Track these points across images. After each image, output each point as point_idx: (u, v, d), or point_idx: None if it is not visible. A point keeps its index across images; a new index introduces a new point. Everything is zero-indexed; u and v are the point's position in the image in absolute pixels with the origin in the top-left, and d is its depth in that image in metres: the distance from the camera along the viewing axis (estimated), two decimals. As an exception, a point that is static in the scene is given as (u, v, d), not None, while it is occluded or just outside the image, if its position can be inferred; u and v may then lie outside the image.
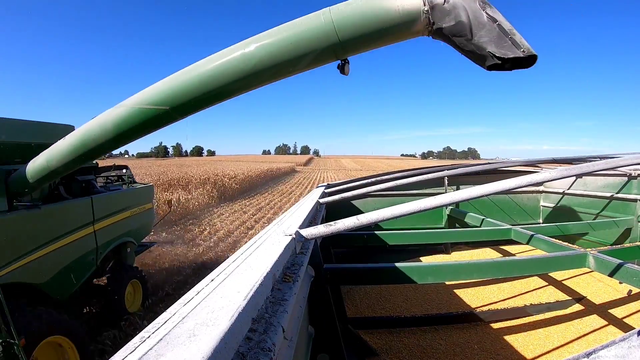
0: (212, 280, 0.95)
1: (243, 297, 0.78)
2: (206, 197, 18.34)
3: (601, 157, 4.42)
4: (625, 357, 0.54)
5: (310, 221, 2.25)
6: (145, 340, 0.63)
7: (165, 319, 0.71)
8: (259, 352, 0.70)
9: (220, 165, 39.64)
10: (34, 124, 5.13)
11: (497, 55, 1.92)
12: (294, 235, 1.42)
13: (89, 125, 3.03)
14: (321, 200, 2.99)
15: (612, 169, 2.02)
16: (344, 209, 4.47)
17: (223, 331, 0.63)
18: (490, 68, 1.99)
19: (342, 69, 2.35)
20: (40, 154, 3.68)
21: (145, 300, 6.91)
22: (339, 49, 2.21)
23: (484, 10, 1.98)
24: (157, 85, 2.59)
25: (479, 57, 2.01)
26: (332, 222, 1.47)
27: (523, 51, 1.93)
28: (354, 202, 4.79)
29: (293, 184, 31.96)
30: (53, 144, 3.63)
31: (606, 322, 2.83)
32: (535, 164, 5.40)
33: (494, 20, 1.97)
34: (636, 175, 4.33)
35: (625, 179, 4.44)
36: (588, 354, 0.56)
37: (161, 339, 0.62)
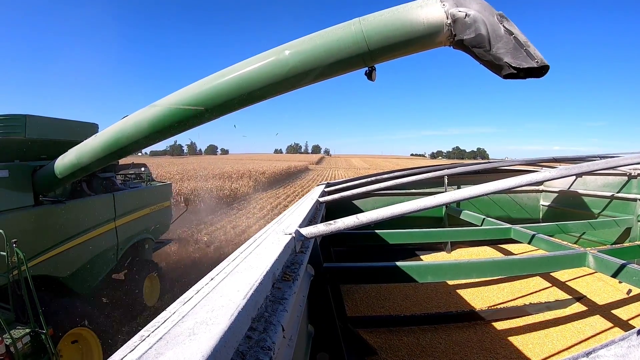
0: (212, 279, 0.95)
1: (243, 296, 0.78)
2: (246, 187, 23.94)
3: (601, 157, 4.42)
4: (624, 357, 0.54)
5: (310, 220, 2.25)
6: (145, 339, 0.62)
7: (165, 318, 0.71)
8: (258, 351, 0.70)
9: (250, 164, 46.10)
10: (60, 121, 5.23)
11: (513, 65, 2.05)
12: (293, 234, 1.42)
13: (123, 124, 3.18)
14: (321, 199, 2.99)
15: (612, 168, 2.02)
16: (344, 208, 4.47)
17: (223, 330, 0.63)
18: (506, 77, 2.12)
19: (369, 75, 2.49)
20: (70, 151, 3.84)
21: (164, 293, 7.06)
22: (368, 57, 2.37)
23: (501, 23, 2.14)
24: (193, 87, 2.74)
25: (496, 66, 2.16)
26: (331, 221, 1.47)
27: (537, 62, 2.06)
28: (353, 201, 4.79)
29: (309, 180, 37.32)
30: (78, 141, 3.82)
31: (606, 322, 2.84)
32: (535, 163, 5.40)
33: (511, 33, 2.12)
34: (636, 174, 4.33)
35: (625, 178, 4.44)
36: (588, 353, 0.56)
37: (161, 338, 0.62)
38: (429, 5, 2.23)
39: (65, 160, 3.89)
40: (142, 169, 7.93)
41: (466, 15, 2.15)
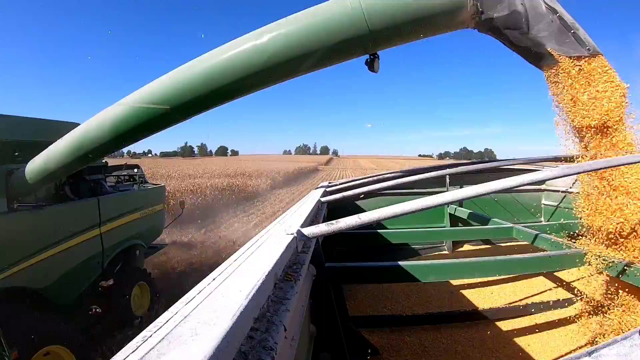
0: (214, 279, 0.95)
1: (245, 296, 0.78)
2: (265, 184, 27.11)
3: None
4: (627, 356, 0.54)
5: (311, 220, 2.25)
6: (147, 340, 0.63)
7: (167, 318, 0.72)
8: (260, 351, 0.70)
9: (265, 164, 49.59)
10: (37, 121, 4.95)
11: (557, 53, 1.69)
12: (295, 234, 1.42)
13: (87, 125, 2.82)
14: (322, 199, 2.98)
15: (614, 167, 2.01)
16: (346, 207, 4.47)
17: (225, 330, 0.63)
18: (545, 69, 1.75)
19: (371, 65, 2.05)
20: (39, 155, 3.55)
21: (153, 303, 6.61)
22: (369, 41, 1.90)
23: None
24: (158, 82, 2.32)
25: (535, 55, 1.78)
26: (333, 221, 1.47)
27: (588, 49, 1.70)
28: (355, 201, 4.79)
29: (319, 179, 40.53)
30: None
31: (608, 321, 2.83)
32: (537, 162, 5.38)
33: (554, 12, 1.70)
34: None
35: None
36: (590, 352, 0.56)
37: (163, 338, 0.62)
38: None
39: (34, 165, 3.59)
40: (135, 170, 7.54)
41: None
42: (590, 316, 2.93)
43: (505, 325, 2.94)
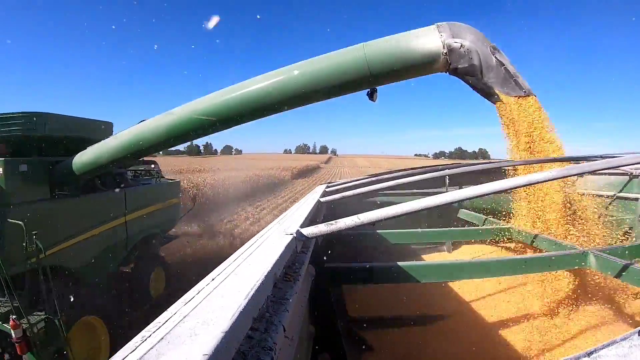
0: (213, 279, 0.95)
1: (244, 296, 0.78)
2: (287, 176, 36.59)
3: (602, 157, 4.41)
4: (626, 356, 0.54)
5: (311, 220, 2.25)
6: (146, 340, 0.63)
7: (166, 318, 0.72)
8: (260, 351, 0.70)
9: (277, 163, 57.05)
10: (77, 119, 5.45)
11: (502, 94, 2.39)
12: (294, 234, 1.42)
13: (141, 128, 3.48)
14: (322, 199, 2.98)
15: (613, 168, 2.02)
16: (345, 207, 4.47)
17: (224, 330, 0.63)
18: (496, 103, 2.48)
19: (370, 96, 2.78)
20: (88, 149, 4.11)
21: (167, 285, 7.30)
22: (370, 80, 2.61)
23: (493, 55, 2.39)
24: (208, 98, 3.00)
25: (487, 93, 2.47)
26: (332, 221, 1.47)
27: (524, 91, 2.37)
28: (355, 201, 4.78)
29: (323, 174, 51.54)
30: (94, 138, 4.08)
31: (607, 321, 2.83)
32: (535, 163, 5.38)
33: (502, 64, 2.37)
34: (637, 174, 4.31)
35: (627, 178, 4.42)
36: (589, 353, 0.56)
37: (162, 338, 0.62)
38: (427, 35, 2.47)
39: (83, 158, 4.12)
40: (152, 165, 8.11)
41: (461, 45, 2.40)
42: (589, 316, 2.94)
43: (503, 325, 2.94)
